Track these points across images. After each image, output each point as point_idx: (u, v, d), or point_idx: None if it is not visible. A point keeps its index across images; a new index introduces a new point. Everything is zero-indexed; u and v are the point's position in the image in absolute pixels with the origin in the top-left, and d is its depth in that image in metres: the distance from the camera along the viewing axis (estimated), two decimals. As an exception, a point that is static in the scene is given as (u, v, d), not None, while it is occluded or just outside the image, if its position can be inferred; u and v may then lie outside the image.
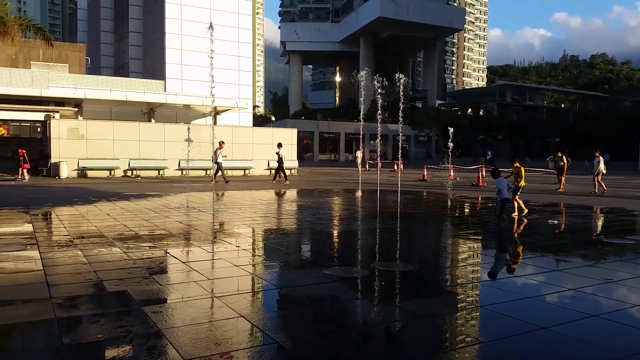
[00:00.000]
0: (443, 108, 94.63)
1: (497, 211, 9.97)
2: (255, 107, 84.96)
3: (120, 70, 46.63)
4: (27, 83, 30.02)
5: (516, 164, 11.48)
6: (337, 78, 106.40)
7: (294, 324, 4.29)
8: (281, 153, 22.30)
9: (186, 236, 8.41)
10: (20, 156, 21.82)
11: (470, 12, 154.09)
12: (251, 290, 5.34)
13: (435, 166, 33.97)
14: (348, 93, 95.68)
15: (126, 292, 4.84)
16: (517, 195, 11.16)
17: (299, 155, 35.30)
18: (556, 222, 10.75)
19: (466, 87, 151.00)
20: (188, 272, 5.82)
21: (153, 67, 41.87)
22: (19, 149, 22.55)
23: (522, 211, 11.06)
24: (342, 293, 5.27)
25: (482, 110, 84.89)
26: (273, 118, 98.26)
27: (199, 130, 25.59)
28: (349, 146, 70.03)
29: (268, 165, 28.55)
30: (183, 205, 12.73)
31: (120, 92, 32.88)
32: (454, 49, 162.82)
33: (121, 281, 5.26)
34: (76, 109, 31.20)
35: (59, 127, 24.44)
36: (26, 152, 22.18)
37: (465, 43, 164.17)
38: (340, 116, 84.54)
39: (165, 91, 37.60)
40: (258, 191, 18.10)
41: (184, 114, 36.02)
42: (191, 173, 27.11)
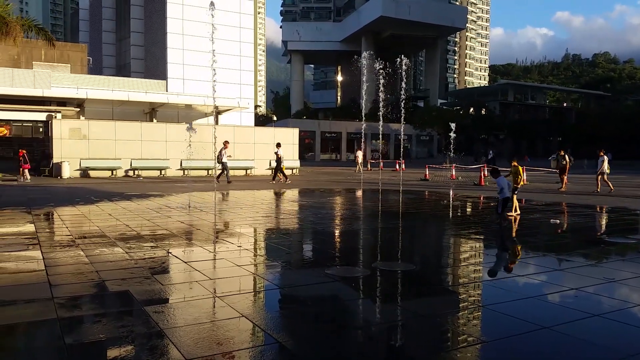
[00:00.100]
0: (445, 107, 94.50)
1: (499, 210, 10.01)
2: (256, 107, 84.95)
3: (121, 70, 46.67)
4: (29, 83, 30.07)
5: (514, 164, 11.52)
6: (339, 77, 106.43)
7: (296, 324, 4.29)
8: (280, 153, 22.18)
9: (188, 236, 8.42)
10: (20, 156, 21.80)
11: (472, 11, 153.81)
12: (253, 290, 5.33)
13: (437, 165, 33.92)
14: (350, 92, 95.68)
15: (128, 292, 4.85)
16: (515, 194, 11.18)
17: (301, 155, 35.29)
18: (558, 222, 10.73)
19: (468, 87, 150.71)
20: (190, 272, 5.82)
21: (155, 67, 41.92)
22: (20, 150, 22.55)
23: (516, 211, 11.09)
24: (344, 293, 5.27)
25: (484, 109, 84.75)
26: (275, 118, 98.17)
27: (201, 129, 25.61)
28: (351, 146, 69.92)
29: (270, 165, 28.54)
30: (185, 205, 12.74)
31: (122, 92, 32.90)
32: (456, 48, 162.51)
33: (123, 281, 5.27)
34: (78, 109, 31.22)
35: (61, 127, 24.48)
36: (26, 153, 22.18)
37: (467, 42, 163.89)
38: (341, 116, 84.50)
39: (167, 91, 37.61)
40: (260, 191, 18.10)
41: (186, 114, 36.01)
42: (193, 173, 27.17)
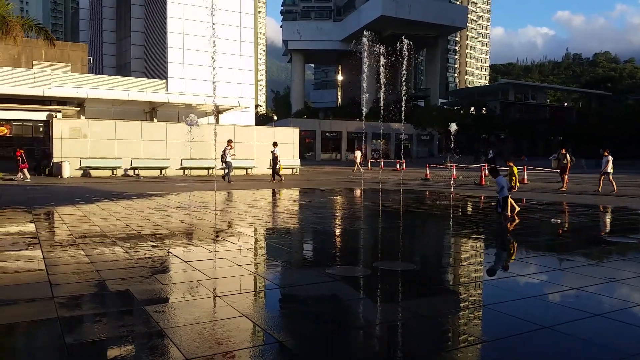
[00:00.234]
0: (445, 107, 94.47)
1: (499, 209, 10.05)
2: (257, 106, 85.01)
3: (122, 69, 46.71)
4: (30, 83, 30.09)
5: (509, 164, 11.51)
6: (339, 77, 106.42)
7: (297, 324, 4.28)
8: (276, 152, 22.09)
9: (188, 235, 8.41)
10: (18, 156, 21.75)
11: (472, 11, 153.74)
12: (253, 289, 5.32)
13: (437, 165, 33.90)
14: (350, 92, 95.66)
15: (128, 292, 4.84)
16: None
17: (301, 154, 35.31)
18: (559, 221, 10.72)
19: (469, 86, 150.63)
20: (190, 272, 5.81)
21: (155, 67, 41.94)
22: (17, 149, 22.52)
23: (512, 211, 11.08)
24: (345, 292, 5.26)
25: (485, 108, 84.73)
26: (275, 117, 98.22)
27: (201, 129, 25.58)
28: (351, 145, 69.99)
29: (270, 164, 28.55)
30: (185, 204, 12.73)
31: (122, 92, 32.92)
32: (457, 48, 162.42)
33: (123, 280, 5.26)
34: (78, 109, 31.24)
35: (61, 127, 24.49)
36: (24, 152, 22.13)
37: (467, 42, 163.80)
38: (342, 115, 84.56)
39: (167, 90, 37.64)
40: (260, 190, 18.10)
41: (186, 114, 35.99)
42: (193, 172, 27.17)
